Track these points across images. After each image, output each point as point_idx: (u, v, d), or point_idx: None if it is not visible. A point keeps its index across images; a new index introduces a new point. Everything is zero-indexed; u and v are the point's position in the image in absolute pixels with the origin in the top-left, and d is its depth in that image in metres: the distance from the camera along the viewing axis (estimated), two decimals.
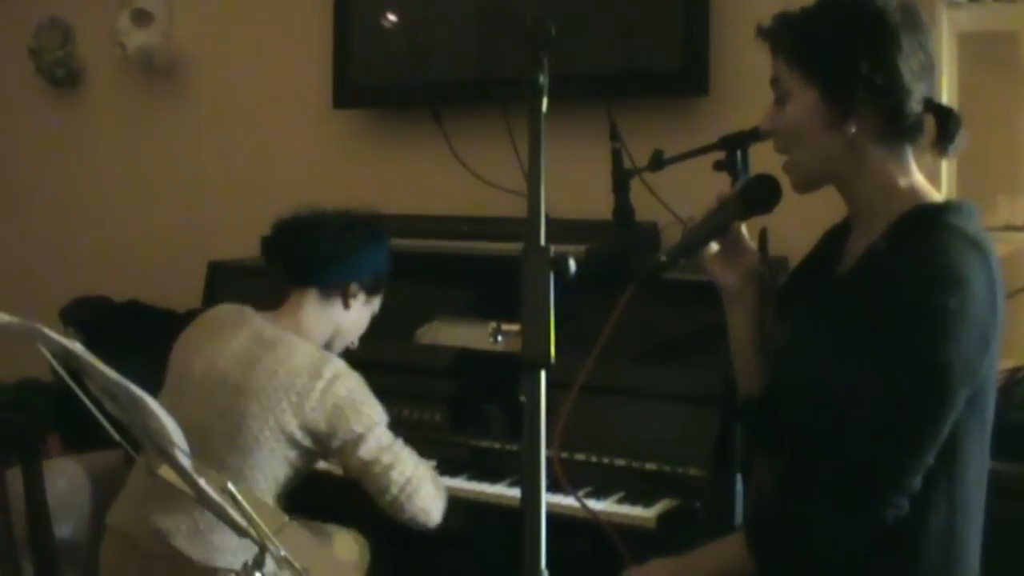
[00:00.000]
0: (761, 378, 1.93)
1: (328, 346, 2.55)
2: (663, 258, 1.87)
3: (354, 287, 2.53)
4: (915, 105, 1.69)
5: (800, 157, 1.77)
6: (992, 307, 1.64)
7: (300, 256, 2.53)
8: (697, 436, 2.44)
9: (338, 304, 2.53)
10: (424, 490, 2.38)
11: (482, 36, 3.39)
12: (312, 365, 2.38)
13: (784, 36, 1.75)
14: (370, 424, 2.37)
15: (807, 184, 1.79)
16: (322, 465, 2.52)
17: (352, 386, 2.39)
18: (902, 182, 1.73)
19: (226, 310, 2.58)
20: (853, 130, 1.70)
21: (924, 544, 1.69)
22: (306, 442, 2.36)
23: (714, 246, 1.93)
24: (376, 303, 2.62)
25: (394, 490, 2.35)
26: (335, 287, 2.52)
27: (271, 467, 2.36)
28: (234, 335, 2.48)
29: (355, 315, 2.57)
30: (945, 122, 1.72)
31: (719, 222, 1.90)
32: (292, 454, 2.37)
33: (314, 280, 2.52)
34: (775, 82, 1.78)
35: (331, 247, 2.50)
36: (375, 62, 3.54)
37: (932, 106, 1.72)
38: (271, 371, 2.38)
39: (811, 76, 1.72)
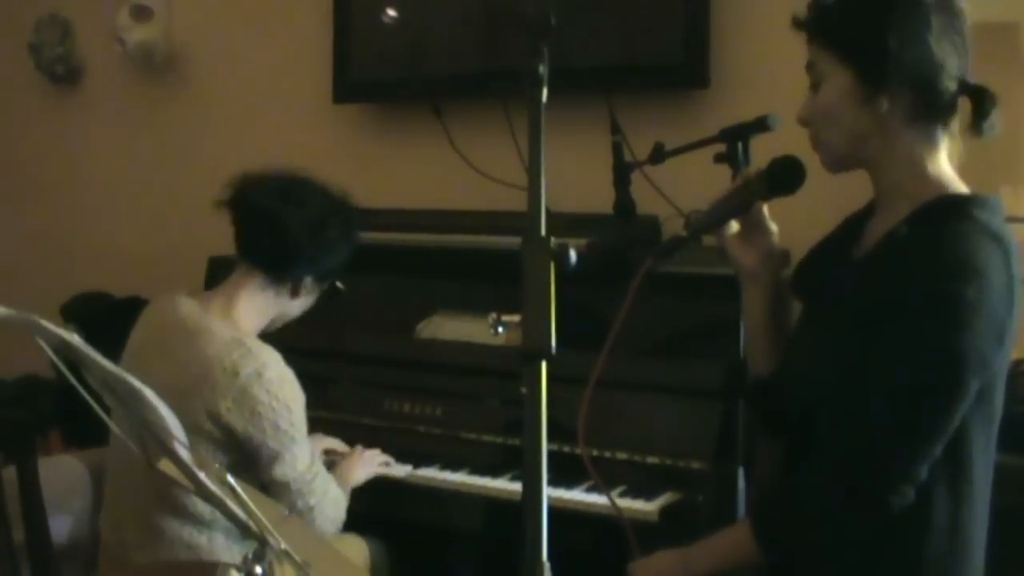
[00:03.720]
0: (772, 360, 1.94)
1: (270, 326, 2.46)
2: (684, 232, 1.89)
3: (308, 280, 2.43)
4: (948, 83, 1.69)
5: (831, 137, 1.78)
6: (1009, 302, 1.65)
7: (262, 245, 2.39)
8: (699, 429, 2.44)
9: (286, 293, 2.42)
10: (321, 518, 2.34)
11: (482, 30, 3.38)
12: (229, 359, 2.24)
13: (817, 22, 1.77)
14: (286, 442, 2.28)
15: (837, 163, 1.80)
16: None
17: (272, 389, 2.25)
18: (930, 169, 1.73)
19: (159, 304, 2.47)
20: (886, 107, 1.70)
21: (928, 535, 1.69)
22: (219, 435, 2.26)
23: (735, 225, 1.94)
24: (323, 285, 2.51)
25: (292, 512, 2.28)
26: (286, 280, 2.41)
27: None
28: (161, 327, 2.38)
29: (301, 302, 2.48)
30: (981, 101, 1.71)
31: (742, 201, 1.90)
32: (217, 453, 2.27)
33: (267, 269, 2.39)
34: (810, 68, 1.79)
35: (297, 246, 2.36)
36: (375, 57, 3.53)
37: (967, 87, 1.72)
38: (183, 366, 2.26)
39: (844, 56, 1.73)
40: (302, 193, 2.41)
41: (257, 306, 2.41)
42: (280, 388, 2.27)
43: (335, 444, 2.73)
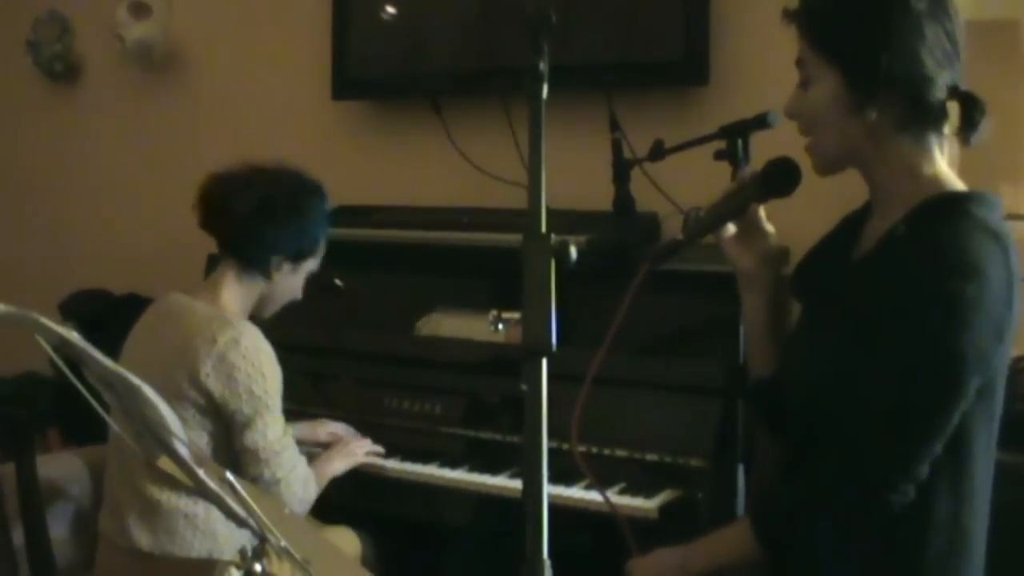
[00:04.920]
0: (773, 361, 1.94)
1: (258, 311, 2.52)
2: (680, 237, 1.89)
3: (275, 261, 2.48)
4: (938, 93, 1.68)
5: (822, 140, 1.77)
6: (1008, 299, 1.64)
7: (216, 229, 2.50)
8: (699, 427, 2.44)
9: (260, 277, 2.49)
10: (287, 494, 2.38)
11: (481, 27, 3.37)
12: (209, 329, 2.35)
13: (808, 20, 1.75)
14: (260, 408, 2.35)
15: (828, 167, 1.80)
16: None
17: (250, 356, 2.35)
18: (926, 169, 1.73)
19: (155, 303, 2.57)
20: (874, 117, 1.69)
21: (929, 533, 1.69)
22: (202, 401, 2.35)
23: (732, 228, 1.94)
24: (309, 265, 2.56)
25: (259, 484, 2.35)
26: (253, 262, 2.48)
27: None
28: (152, 320, 2.51)
29: (282, 283, 2.52)
30: (970, 110, 1.71)
31: (738, 204, 1.90)
32: (203, 420, 2.36)
33: (231, 254, 2.49)
34: (800, 64, 1.78)
35: (244, 224, 2.44)
36: (374, 54, 3.53)
37: (957, 93, 1.71)
38: (167, 340, 2.38)
39: (833, 62, 1.71)
40: (252, 177, 2.49)
41: (237, 293, 2.50)
42: (256, 356, 2.36)
43: (339, 428, 2.76)
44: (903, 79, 1.67)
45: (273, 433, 2.37)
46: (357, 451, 2.65)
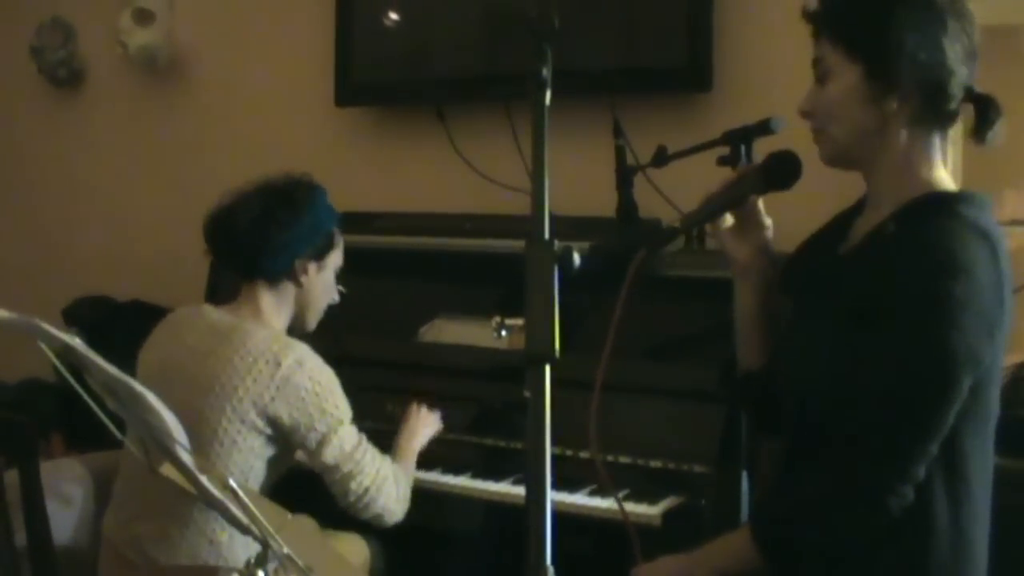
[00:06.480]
0: (762, 355, 1.94)
1: (301, 322, 2.51)
2: (677, 224, 1.89)
3: (299, 264, 2.45)
4: (957, 88, 1.69)
5: (835, 132, 1.77)
6: (999, 299, 1.64)
7: (232, 257, 2.48)
8: (702, 433, 2.43)
9: (290, 286, 2.47)
10: (382, 497, 2.37)
11: (485, 33, 3.38)
12: (270, 351, 2.32)
13: (827, 15, 1.76)
14: (333, 424, 2.33)
15: (836, 158, 1.80)
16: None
17: (315, 376, 2.33)
18: (923, 170, 1.74)
19: (183, 311, 2.54)
20: (895, 107, 1.69)
21: (931, 538, 1.69)
22: (268, 430, 2.32)
23: (729, 218, 1.94)
24: (333, 259, 2.53)
25: (351, 498, 2.35)
26: (279, 274, 2.45)
27: (236, 461, 2.30)
28: (190, 331, 2.44)
29: (314, 284, 2.50)
30: (985, 109, 1.72)
31: (737, 194, 1.90)
32: (256, 443, 2.32)
33: (255, 275, 2.46)
34: (816, 63, 1.78)
35: (256, 241, 2.42)
36: (377, 60, 3.53)
37: (973, 94, 1.72)
38: (226, 359, 2.32)
39: (853, 53, 1.72)
40: (242, 196, 2.49)
41: (276, 309, 2.48)
42: (321, 374, 2.35)
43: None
44: (925, 66, 1.67)
45: (350, 443, 2.35)
46: (427, 416, 2.66)
